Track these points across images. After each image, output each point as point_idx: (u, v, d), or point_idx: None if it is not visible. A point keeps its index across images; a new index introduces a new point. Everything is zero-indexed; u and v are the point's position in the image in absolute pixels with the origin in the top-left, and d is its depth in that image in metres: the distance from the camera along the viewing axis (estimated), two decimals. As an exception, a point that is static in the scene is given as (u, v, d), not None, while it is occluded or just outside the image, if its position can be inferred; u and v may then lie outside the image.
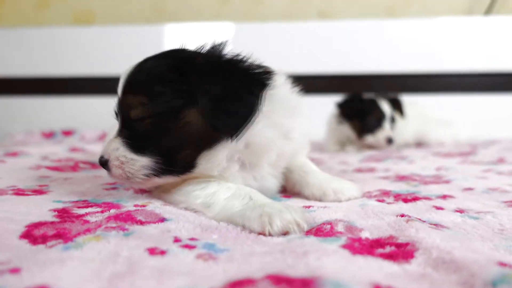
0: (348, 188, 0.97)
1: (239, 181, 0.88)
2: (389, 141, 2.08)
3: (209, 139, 0.82)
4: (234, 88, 0.79)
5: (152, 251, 0.56)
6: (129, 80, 0.88)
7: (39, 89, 3.10)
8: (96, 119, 3.01)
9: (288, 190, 1.03)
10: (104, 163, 0.85)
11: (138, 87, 0.85)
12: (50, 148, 1.89)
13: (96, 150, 1.97)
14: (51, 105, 3.09)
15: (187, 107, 0.79)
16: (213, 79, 0.79)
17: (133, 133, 0.84)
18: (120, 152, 0.84)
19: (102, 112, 2.97)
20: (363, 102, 2.18)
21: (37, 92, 3.09)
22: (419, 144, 2.55)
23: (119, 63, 3.10)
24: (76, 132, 2.75)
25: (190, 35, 2.94)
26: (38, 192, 0.94)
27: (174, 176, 0.84)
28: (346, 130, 2.27)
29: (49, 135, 2.74)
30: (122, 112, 0.86)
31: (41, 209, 0.76)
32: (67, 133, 2.75)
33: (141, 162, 0.83)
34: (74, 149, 1.94)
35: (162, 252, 0.56)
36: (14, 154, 1.66)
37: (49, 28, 3.08)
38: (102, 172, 1.30)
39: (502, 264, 0.51)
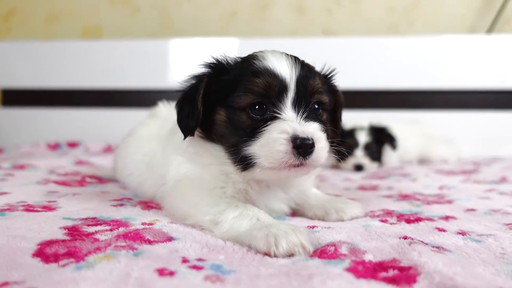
0: (350, 207, 0.99)
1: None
2: (357, 168, 2.20)
3: None
4: None
5: (161, 272, 0.58)
6: (307, 65, 0.93)
7: (46, 101, 3.15)
8: (101, 131, 3.06)
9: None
10: (312, 145, 0.80)
11: (319, 75, 0.94)
12: (56, 161, 1.92)
13: (101, 163, 2.00)
14: (56, 117, 3.13)
15: None
16: None
17: (316, 119, 0.88)
18: (322, 135, 0.84)
19: (107, 124, 3.05)
20: (342, 131, 2.30)
21: (44, 104, 3.14)
22: (422, 161, 2.56)
23: (125, 76, 3.18)
24: (81, 144, 2.79)
25: (196, 50, 3.00)
26: (48, 208, 0.96)
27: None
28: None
29: (54, 146, 2.78)
30: (309, 94, 0.87)
31: (51, 227, 0.78)
32: (72, 145, 2.79)
33: (327, 149, 0.86)
34: (79, 162, 1.97)
35: (171, 273, 0.57)
36: (21, 167, 1.69)
37: (57, 41, 3.14)
38: (108, 187, 1.33)
39: (503, 291, 0.52)
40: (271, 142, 0.80)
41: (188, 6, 3.20)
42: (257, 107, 0.85)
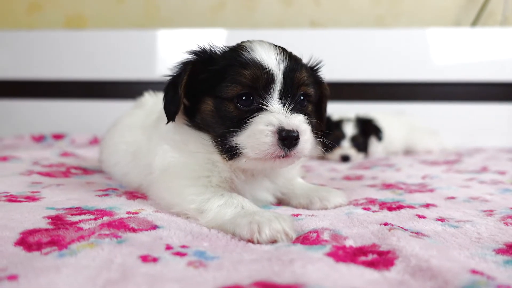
0: (334, 196, 1.01)
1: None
2: (344, 158, 2.24)
3: None
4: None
5: (144, 259, 0.58)
6: (294, 58, 0.93)
7: (30, 92, 3.08)
8: (87, 123, 3.02)
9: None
10: (296, 137, 0.82)
11: (306, 68, 0.94)
12: (40, 153, 1.89)
13: (87, 154, 1.98)
14: (41, 109, 3.07)
15: None
16: None
17: (302, 111, 0.89)
18: (307, 127, 0.85)
19: (93, 116, 3.01)
20: (329, 123, 2.32)
21: (27, 95, 3.08)
22: (407, 151, 2.60)
23: (111, 67, 3.13)
24: (67, 136, 2.75)
25: (183, 41, 2.97)
26: (31, 198, 0.95)
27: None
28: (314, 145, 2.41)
29: (39, 138, 2.73)
30: (296, 86, 0.88)
31: (35, 216, 0.77)
32: (58, 137, 2.74)
33: (312, 141, 0.88)
34: (65, 154, 1.94)
35: (154, 260, 0.58)
36: (4, 159, 1.66)
37: (40, 31, 3.07)
38: (94, 178, 1.32)
39: (474, 271, 0.54)
40: (257, 134, 0.81)
41: (175, -4, 3.16)
42: (244, 98, 0.86)
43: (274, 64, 0.85)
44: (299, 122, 0.84)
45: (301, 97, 0.91)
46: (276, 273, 0.54)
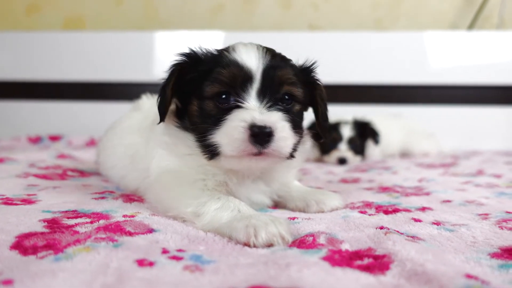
0: (330, 199, 1.01)
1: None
2: (341, 161, 2.24)
3: None
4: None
5: (140, 263, 0.58)
6: (280, 57, 0.93)
7: (27, 94, 3.08)
8: (84, 124, 3.01)
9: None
10: (269, 134, 0.81)
11: (293, 67, 0.93)
12: (37, 155, 1.89)
13: (83, 156, 1.97)
14: (38, 110, 3.06)
15: None
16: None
17: (284, 109, 0.88)
18: (284, 125, 0.84)
19: (90, 117, 3.00)
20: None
21: (25, 97, 3.07)
22: (404, 154, 2.61)
23: (109, 69, 3.13)
24: (63, 137, 2.74)
25: (181, 43, 2.97)
26: (27, 201, 0.95)
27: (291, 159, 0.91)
28: (311, 148, 2.41)
29: (35, 140, 2.72)
30: (276, 85, 0.88)
31: (30, 219, 0.77)
32: (54, 138, 2.73)
33: (294, 140, 0.87)
34: (61, 156, 1.94)
35: (151, 264, 0.58)
36: (0, 161, 1.65)
37: (38, 32, 3.06)
38: (90, 180, 1.32)
39: (469, 276, 0.54)
40: (230, 130, 0.82)
41: (173, -2, 3.16)
42: (224, 96, 0.87)
43: (253, 62, 0.87)
44: (275, 119, 0.83)
45: (286, 97, 0.90)
46: (272, 277, 0.54)
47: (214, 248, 0.68)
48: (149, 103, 1.32)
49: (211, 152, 0.86)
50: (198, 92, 0.90)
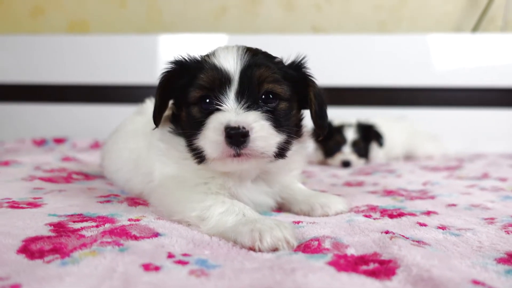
0: (335, 203, 1.01)
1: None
2: (345, 164, 2.24)
3: None
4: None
5: (146, 267, 0.58)
6: (263, 56, 0.92)
7: (32, 96, 3.10)
8: (88, 127, 3.03)
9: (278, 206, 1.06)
10: (244, 134, 0.80)
11: (275, 64, 0.92)
12: (42, 157, 1.89)
13: (88, 159, 1.98)
14: (43, 113, 3.08)
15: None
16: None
17: (267, 108, 0.87)
18: (263, 124, 0.83)
19: (95, 120, 3.01)
20: (330, 128, 2.31)
21: (29, 100, 3.09)
22: (408, 157, 2.60)
23: (113, 72, 3.14)
24: (68, 140, 2.75)
25: (185, 46, 2.98)
26: (33, 205, 0.95)
27: (283, 159, 0.90)
28: (315, 151, 2.42)
29: (40, 142, 2.74)
30: (255, 84, 0.87)
31: (37, 223, 0.78)
32: (59, 141, 2.75)
33: (278, 139, 0.86)
34: (66, 158, 1.95)
35: (157, 268, 0.58)
36: (6, 164, 1.66)
37: (43, 35, 3.09)
38: (95, 184, 1.33)
39: (476, 282, 0.54)
40: (209, 133, 0.83)
41: (177, 1, 3.17)
42: (207, 100, 0.88)
43: (231, 64, 0.87)
44: (251, 119, 0.82)
45: (270, 96, 0.89)
46: (277, 282, 0.54)
47: (219, 252, 0.69)
48: (152, 107, 1.32)
49: (199, 156, 0.88)
50: (185, 99, 0.91)
